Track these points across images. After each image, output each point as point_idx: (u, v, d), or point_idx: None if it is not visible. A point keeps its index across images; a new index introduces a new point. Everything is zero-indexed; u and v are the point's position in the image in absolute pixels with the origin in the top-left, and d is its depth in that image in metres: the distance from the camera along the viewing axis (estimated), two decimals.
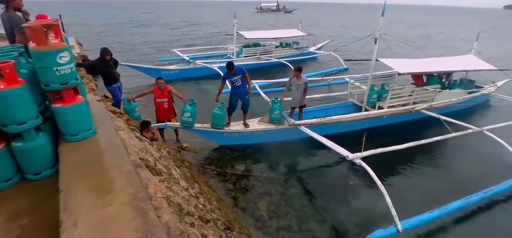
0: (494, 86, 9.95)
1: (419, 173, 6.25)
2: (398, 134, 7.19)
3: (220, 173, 5.85)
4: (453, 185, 5.73)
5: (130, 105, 5.76)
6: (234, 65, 6.05)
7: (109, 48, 6.18)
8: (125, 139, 3.07)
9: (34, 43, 2.39)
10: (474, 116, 8.91)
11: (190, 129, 6.14)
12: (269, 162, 6.42)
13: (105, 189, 2.22)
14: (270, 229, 4.58)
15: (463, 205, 4.91)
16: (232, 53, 14.39)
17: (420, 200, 5.23)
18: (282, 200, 5.24)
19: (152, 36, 23.82)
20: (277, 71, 12.87)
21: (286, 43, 16.81)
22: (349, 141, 5.78)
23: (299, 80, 6.50)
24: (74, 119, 2.65)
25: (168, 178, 3.04)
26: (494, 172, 5.97)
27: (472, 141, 6.97)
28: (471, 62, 8.68)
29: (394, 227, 4.23)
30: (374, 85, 7.83)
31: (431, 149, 6.68)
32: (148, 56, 16.58)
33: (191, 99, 5.95)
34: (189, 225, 2.38)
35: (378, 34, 6.74)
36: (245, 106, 6.54)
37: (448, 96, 8.37)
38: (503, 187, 5.41)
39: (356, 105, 8.31)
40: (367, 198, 5.22)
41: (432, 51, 14.36)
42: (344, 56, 13.70)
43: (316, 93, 9.50)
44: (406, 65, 7.46)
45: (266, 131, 6.77)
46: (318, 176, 6.12)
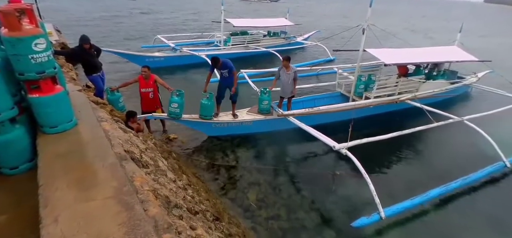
0: (475, 77, 10.27)
1: (403, 162, 6.44)
2: (384, 123, 7.35)
3: (208, 163, 5.80)
4: (435, 172, 5.92)
5: (113, 96, 5.56)
6: (219, 60, 5.91)
7: (88, 36, 5.91)
8: (109, 131, 2.95)
9: (6, 29, 2.22)
10: (456, 106, 9.20)
11: (177, 119, 6.01)
12: (258, 152, 6.43)
13: (88, 183, 2.14)
14: (259, 219, 4.62)
15: (443, 192, 5.12)
16: (219, 41, 14.14)
17: (402, 187, 5.40)
18: (270, 190, 5.28)
19: (135, 21, 23.01)
20: (265, 60, 12.77)
21: (274, 32, 16.65)
22: (337, 130, 5.85)
23: (288, 71, 6.47)
24: (53, 109, 2.51)
25: (155, 170, 2.96)
26: (473, 160, 6.23)
27: (453, 130, 7.22)
28: (455, 53, 8.89)
29: (377, 214, 4.38)
30: (361, 75, 7.92)
31: (415, 139, 6.87)
32: (130, 42, 16.02)
33: (178, 90, 5.80)
34: (177, 218, 2.33)
35: (366, 25, 6.77)
36: (233, 96, 6.44)
37: (431, 86, 8.59)
38: (480, 174, 5.67)
39: (343, 96, 8.39)
40: (353, 187, 5.33)
41: (417, 42, 14.65)
42: (331, 47, 13.74)
43: (304, 83, 9.52)
44: (392, 56, 7.56)
45: (255, 121, 6.74)
46: (306, 165, 6.19)
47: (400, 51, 8.31)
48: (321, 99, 8.23)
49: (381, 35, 7.94)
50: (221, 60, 5.94)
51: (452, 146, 7.11)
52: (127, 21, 23.13)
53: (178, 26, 22.59)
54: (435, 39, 16.57)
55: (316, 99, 8.22)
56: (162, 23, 23.58)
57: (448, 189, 5.18)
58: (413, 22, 29.55)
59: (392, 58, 7.40)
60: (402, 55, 8.06)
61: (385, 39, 9.38)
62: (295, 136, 6.66)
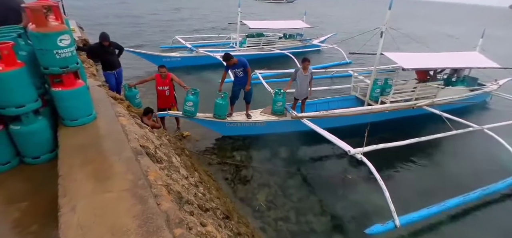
0: (496, 84, 9.82)
1: (419, 170, 6.25)
2: (400, 129, 7.17)
3: (220, 162, 5.85)
4: (452, 182, 5.72)
5: (131, 92, 5.72)
6: (231, 56, 5.94)
7: (108, 34, 6.11)
8: (126, 126, 3.04)
9: (33, 24, 2.34)
10: (475, 114, 8.85)
11: (192, 118, 6.12)
12: (270, 153, 6.42)
13: (105, 175, 2.21)
14: (268, 219, 4.61)
15: (461, 202, 4.93)
16: (235, 43, 14.24)
17: (418, 196, 5.24)
18: (280, 191, 5.26)
19: (156, 22, 23.55)
20: (280, 62, 12.74)
21: (290, 34, 16.60)
22: (351, 134, 5.75)
23: (306, 72, 6.42)
24: (74, 103, 2.61)
25: (168, 166, 3.02)
26: (493, 170, 5.98)
27: (473, 139, 6.96)
28: (475, 59, 8.56)
29: (392, 222, 4.26)
30: (378, 79, 7.75)
31: (432, 146, 6.66)
32: (151, 42, 16.41)
33: (193, 89, 5.90)
34: (188, 214, 2.37)
35: (384, 28, 6.63)
36: (247, 97, 6.48)
37: (450, 93, 8.30)
38: (501, 185, 5.44)
39: (359, 99, 8.25)
40: (366, 193, 5.23)
41: (436, 47, 14.18)
42: (348, 49, 13.55)
43: (319, 86, 9.42)
44: (410, 60, 7.37)
45: (268, 122, 6.74)
46: (318, 169, 6.12)
47: (419, 56, 8.07)
48: (336, 102, 8.12)
49: (400, 38, 7.75)
50: (236, 58, 5.98)
51: (471, 155, 6.85)
52: (149, 21, 23.70)
53: (196, 27, 22.96)
54: (456, 44, 16.02)
55: (331, 102, 8.12)
56: (181, 24, 24.02)
57: (466, 199, 4.99)
58: (434, 26, 28.66)
59: (410, 62, 7.21)
60: (421, 60, 7.83)
61: (403, 43, 9.17)
62: (308, 139, 6.61)
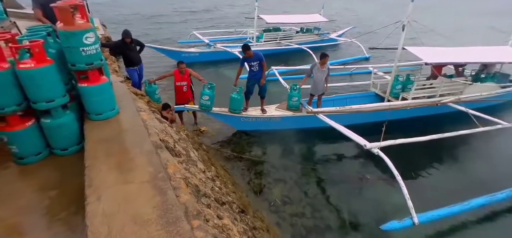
0: None
1: (441, 167, 6.02)
2: (422, 126, 6.92)
3: (236, 157, 5.93)
4: (477, 181, 5.49)
5: (151, 88, 5.90)
6: (249, 47, 5.98)
7: (130, 31, 6.31)
8: (146, 120, 3.15)
9: (61, 23, 2.47)
10: (506, 112, 8.33)
11: (208, 111, 6.22)
12: (285, 148, 6.42)
13: (127, 167, 2.31)
14: (283, 214, 4.64)
15: (487, 203, 4.70)
16: (252, 37, 14.23)
17: (439, 194, 5.07)
18: (296, 187, 5.27)
19: (174, 18, 23.97)
20: (297, 57, 12.64)
21: (307, 28, 16.35)
22: (369, 132, 5.60)
23: (323, 68, 6.33)
24: (99, 98, 2.74)
25: (186, 160, 3.11)
26: None
27: (502, 137, 6.62)
28: (507, 54, 8.04)
29: (410, 219, 4.15)
30: (399, 75, 7.50)
31: (455, 143, 6.39)
32: (170, 38, 16.76)
33: (210, 83, 6.00)
34: (205, 206, 2.44)
35: (406, 21, 6.39)
36: (262, 92, 6.50)
37: (479, 89, 7.84)
38: None
39: (378, 96, 8.02)
40: (383, 190, 5.13)
41: (464, 41, 13.46)
42: (366, 44, 13.18)
43: (337, 82, 9.24)
44: (434, 55, 7.05)
45: (284, 117, 6.73)
46: (334, 165, 6.07)
47: (444, 50, 7.68)
48: (354, 99, 7.95)
49: (423, 33, 7.42)
50: (253, 51, 6.01)
51: (499, 154, 6.49)
52: (167, 17, 24.16)
53: (213, 22, 23.15)
54: (487, 38, 15.10)
55: (348, 99, 7.96)
56: (198, 19, 24.30)
57: (493, 199, 4.75)
58: (463, 19, 27.20)
59: (434, 57, 6.90)
60: (446, 54, 7.46)
61: (427, 38, 8.78)
62: (324, 135, 6.55)
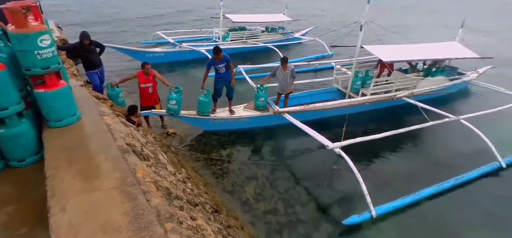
0: (476, 73, 10.01)
1: (397, 160, 6.47)
2: (380, 120, 7.43)
3: (206, 158, 5.91)
4: (429, 172, 5.97)
5: (113, 91, 5.64)
6: (222, 51, 5.99)
7: (90, 32, 5.98)
8: (111, 124, 3.04)
9: (12, 25, 2.30)
10: (454, 103, 9.13)
11: (176, 116, 6.14)
12: (255, 147, 6.54)
13: (92, 174, 2.23)
14: (257, 212, 4.73)
15: (435, 191, 5.16)
16: (218, 37, 14.17)
17: (396, 186, 5.44)
18: (268, 184, 5.40)
19: (134, 18, 22.92)
20: (264, 56, 12.84)
21: (272, 28, 16.70)
22: (333, 125, 5.93)
23: (285, 70, 6.56)
24: (58, 104, 2.59)
25: (155, 163, 3.06)
26: (468, 160, 6.22)
27: (450, 129, 7.16)
28: (454, 50, 8.77)
29: (368, 213, 4.48)
30: (359, 71, 7.97)
31: (410, 137, 6.87)
32: (131, 39, 16.03)
33: (176, 87, 5.93)
34: (178, 208, 2.44)
35: (364, 21, 6.82)
36: (230, 93, 6.56)
37: (429, 83, 8.53)
38: (474, 174, 5.68)
39: (340, 92, 8.47)
40: (349, 183, 5.35)
41: (418, 38, 14.58)
42: (329, 42, 13.79)
43: (302, 79, 9.55)
44: (389, 52, 7.58)
45: (252, 117, 6.83)
46: (303, 161, 6.29)
47: (398, 48, 8.26)
48: (318, 95, 8.31)
49: (385, 31, 7.85)
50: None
51: (448, 145, 7.05)
52: (127, 18, 23.04)
53: (176, 21, 22.56)
54: (438, 35, 16.58)
55: (313, 95, 8.30)
56: (161, 19, 23.49)
57: (440, 188, 5.22)
58: (417, 17, 29.50)
59: (389, 55, 7.44)
60: (400, 51, 8.05)
61: (386, 36, 9.35)
62: (292, 132, 6.74)
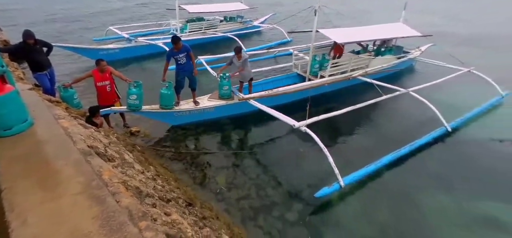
0: (419, 51, 11.07)
1: (359, 133, 7.02)
2: (340, 99, 7.86)
3: (175, 153, 5.79)
4: (386, 141, 6.51)
5: (67, 92, 5.21)
6: (180, 40, 5.85)
7: (32, 31, 5.43)
8: (68, 128, 2.86)
9: None
10: (404, 78, 10.04)
11: (138, 111, 5.85)
12: (223, 137, 6.56)
13: (53, 182, 2.11)
14: (230, 200, 4.80)
15: (394, 158, 5.70)
16: (176, 29, 13.68)
17: (359, 156, 5.85)
18: (239, 172, 5.47)
19: (84, 15, 21.05)
20: (224, 45, 12.70)
21: (231, 17, 16.56)
22: (297, 109, 6.15)
23: (240, 59, 6.69)
24: (5, 110, 2.36)
25: (121, 163, 2.96)
26: (419, 127, 6.89)
27: (401, 101, 7.87)
28: (400, 30, 9.59)
29: (337, 184, 4.79)
30: (316, 55, 8.30)
31: (368, 111, 7.33)
32: (82, 36, 14.80)
33: (136, 81, 5.62)
34: (150, 206, 2.41)
35: (318, 6, 7.08)
36: (192, 84, 6.44)
37: (380, 62, 9.26)
38: (425, 139, 6.34)
39: (300, 76, 8.76)
40: (317, 160, 5.65)
41: (367, 20, 15.57)
42: (287, 29, 14.07)
43: (263, 66, 9.72)
44: (343, 35, 8.03)
45: (217, 107, 6.81)
46: (271, 145, 6.46)
47: (350, 30, 8.80)
48: (279, 81, 8.53)
49: (335, 15, 8.23)
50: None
51: (401, 116, 7.74)
52: (77, 14, 21.10)
53: (130, 15, 21.22)
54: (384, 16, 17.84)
55: (275, 81, 8.50)
56: (113, 14, 21.89)
57: (398, 155, 5.76)
58: (365, 2, 31.25)
59: (343, 37, 7.87)
60: (352, 34, 8.55)
61: (339, 19, 9.80)
62: (258, 118, 6.88)
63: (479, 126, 7.40)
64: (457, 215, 4.81)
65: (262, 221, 4.48)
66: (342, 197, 4.96)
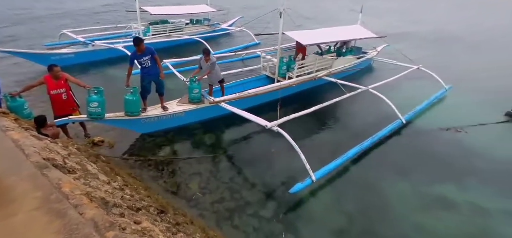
0: (375, 51, 12.00)
1: (327, 130, 7.34)
2: (308, 99, 8.13)
3: (144, 162, 5.53)
4: (352, 135, 6.87)
5: (15, 102, 4.69)
6: (142, 41, 5.58)
7: None
8: (19, 140, 2.60)
9: None
10: (364, 77, 10.71)
11: (100, 120, 5.46)
12: (195, 142, 6.41)
13: (6, 199, 1.91)
14: (204, 205, 4.71)
15: (358, 150, 6.06)
16: (138, 32, 13.09)
17: (328, 151, 6.08)
18: (212, 177, 5.38)
19: (35, 18, 19.30)
20: (190, 49, 12.44)
21: (197, 20, 16.27)
22: (267, 110, 6.24)
23: (207, 61, 6.62)
24: None
25: (84, 175, 2.74)
26: (379, 121, 7.36)
27: (363, 98, 8.36)
28: (358, 32, 10.28)
29: (309, 179, 4.95)
30: (283, 57, 8.48)
31: (333, 109, 7.79)
32: (32, 41, 13.58)
33: (96, 87, 5.23)
34: (118, 216, 2.26)
35: (282, 9, 7.23)
36: (160, 88, 6.18)
37: (342, 62, 9.81)
38: (384, 131, 6.84)
39: (269, 78, 8.89)
40: (288, 159, 5.78)
41: (328, 23, 16.30)
42: (256, 31, 14.19)
43: (232, 68, 9.72)
44: (308, 37, 8.32)
45: (187, 111, 6.62)
46: (244, 147, 6.47)
47: (314, 32, 9.18)
48: (249, 83, 8.57)
49: (299, 17, 8.52)
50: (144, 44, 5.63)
51: (363, 111, 8.29)
52: (27, 17, 19.30)
53: (86, 18, 19.93)
54: (344, 20, 18.85)
55: (245, 83, 8.52)
56: (67, 17, 20.39)
57: (361, 147, 6.12)
58: (326, 4, 32.65)
59: (308, 39, 8.14)
60: (316, 35, 8.94)
61: (305, 21, 10.16)
62: (230, 121, 6.86)
63: (428, 116, 8.23)
64: (414, 198, 5.23)
65: (237, 221, 4.47)
66: (314, 192, 5.13)
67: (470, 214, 4.93)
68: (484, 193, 5.39)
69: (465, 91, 10.00)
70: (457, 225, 4.70)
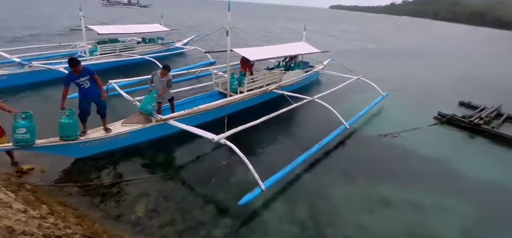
0: (322, 65, 13.02)
1: (275, 140, 7.56)
2: (258, 112, 8.20)
3: (81, 188, 5.08)
4: (299, 143, 7.15)
5: None
6: (79, 62, 5.27)
7: None
8: None
9: None
10: (311, 89, 11.42)
11: (30, 147, 4.94)
12: (143, 162, 6.10)
13: None
14: (151, 229, 4.41)
15: (306, 157, 6.27)
16: (84, 51, 12.39)
17: (277, 161, 6.19)
18: (161, 197, 5.10)
19: None
20: (142, 68, 12.03)
21: (150, 39, 15.91)
22: (220, 125, 6.21)
23: (163, 78, 6.52)
24: None
25: None
26: (325, 128, 7.78)
27: (309, 108, 8.92)
28: (303, 47, 11.07)
29: (258, 188, 4.97)
30: (234, 73, 8.65)
31: (282, 120, 7.98)
32: None
33: (24, 111, 4.75)
34: None
35: (228, 27, 7.42)
36: (101, 110, 5.83)
37: (291, 76, 10.38)
38: (330, 137, 7.23)
39: (221, 94, 8.95)
40: (239, 172, 5.82)
41: (276, 40, 17.30)
42: (208, 49, 14.28)
43: (185, 86, 9.64)
44: (256, 53, 8.65)
45: (133, 132, 6.32)
46: (195, 164, 6.31)
47: (262, 49, 9.62)
48: (201, 100, 8.53)
49: (247, 35, 8.85)
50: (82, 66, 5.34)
51: (310, 120, 8.82)
52: None
53: (24, 36, 18.32)
54: (289, 37, 19.95)
55: (197, 100, 8.47)
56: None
57: (309, 153, 6.36)
58: (274, 23, 34.40)
59: (256, 55, 8.46)
60: (263, 52, 9.36)
61: (252, 39, 10.60)
62: (178, 138, 6.70)
63: (369, 123, 9.11)
64: (359, 201, 5.55)
65: None
66: (266, 203, 5.16)
67: (408, 211, 5.36)
68: (419, 191, 5.94)
69: (399, 97, 11.48)
70: (398, 222, 5.07)
